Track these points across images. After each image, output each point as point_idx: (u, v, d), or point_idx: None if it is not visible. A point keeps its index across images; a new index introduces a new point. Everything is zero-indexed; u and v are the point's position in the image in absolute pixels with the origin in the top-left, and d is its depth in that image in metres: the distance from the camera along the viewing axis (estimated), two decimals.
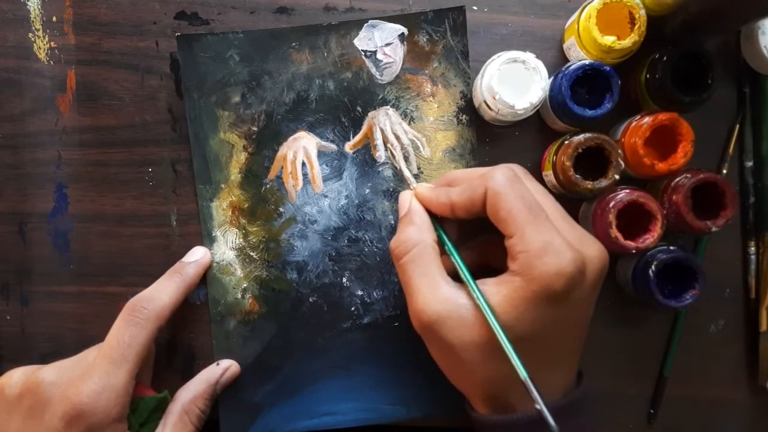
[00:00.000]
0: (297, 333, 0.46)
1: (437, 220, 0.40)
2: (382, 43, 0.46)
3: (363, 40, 0.46)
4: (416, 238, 0.38)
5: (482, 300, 0.35)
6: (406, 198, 0.41)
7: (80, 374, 0.39)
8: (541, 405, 0.33)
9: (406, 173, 0.45)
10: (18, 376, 0.40)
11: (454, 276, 0.38)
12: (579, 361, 0.39)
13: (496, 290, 0.36)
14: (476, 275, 0.37)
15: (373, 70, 0.46)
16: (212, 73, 0.46)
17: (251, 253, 0.46)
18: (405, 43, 0.46)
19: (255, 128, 0.46)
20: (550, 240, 0.35)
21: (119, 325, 0.41)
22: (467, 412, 0.40)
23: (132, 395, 0.40)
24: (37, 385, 0.39)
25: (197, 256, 0.45)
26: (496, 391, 0.37)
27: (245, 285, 0.46)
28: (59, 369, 0.40)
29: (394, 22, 0.46)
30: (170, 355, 0.46)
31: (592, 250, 0.37)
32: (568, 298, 0.35)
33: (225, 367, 0.45)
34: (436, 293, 0.36)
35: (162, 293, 0.42)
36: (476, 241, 0.43)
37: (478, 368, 0.36)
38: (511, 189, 0.36)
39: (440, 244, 0.40)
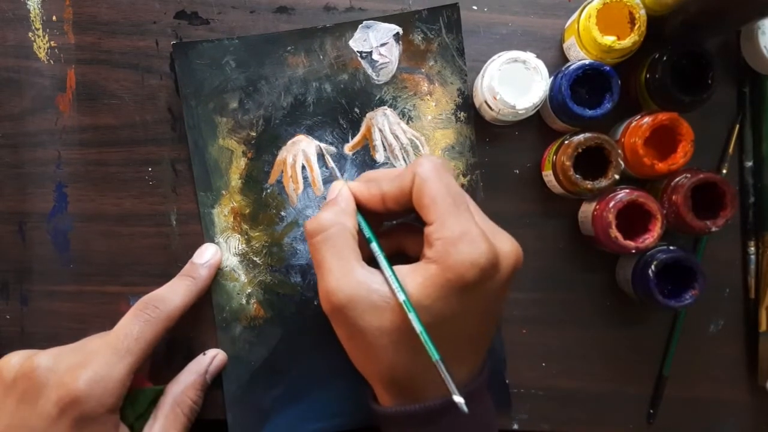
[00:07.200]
0: (303, 336, 0.46)
1: (361, 212, 0.40)
2: (377, 43, 0.46)
3: (358, 42, 0.46)
4: (334, 219, 0.38)
5: (397, 284, 0.35)
6: (336, 185, 0.40)
7: (79, 361, 0.39)
8: (451, 386, 0.33)
9: (336, 172, 0.45)
10: (16, 359, 0.40)
11: (371, 264, 0.38)
12: (485, 355, 0.39)
13: (411, 276, 0.35)
14: (392, 262, 0.37)
15: (370, 70, 0.46)
16: (209, 80, 0.46)
17: (254, 258, 0.46)
18: (400, 42, 0.46)
19: (254, 133, 0.46)
20: (467, 230, 0.35)
21: (128, 319, 0.41)
22: (369, 405, 0.39)
23: (132, 387, 0.40)
24: (33, 370, 0.39)
25: (207, 256, 0.45)
26: (400, 378, 0.36)
27: (249, 290, 0.46)
28: (57, 355, 0.40)
29: (389, 22, 0.45)
30: (170, 354, 0.46)
31: (506, 245, 0.37)
32: (480, 289, 0.35)
33: (212, 356, 0.45)
34: (350, 276, 0.36)
35: (174, 295, 0.43)
36: (392, 227, 0.42)
37: (385, 354, 0.36)
38: (437, 177, 0.36)
39: (360, 234, 0.39)
